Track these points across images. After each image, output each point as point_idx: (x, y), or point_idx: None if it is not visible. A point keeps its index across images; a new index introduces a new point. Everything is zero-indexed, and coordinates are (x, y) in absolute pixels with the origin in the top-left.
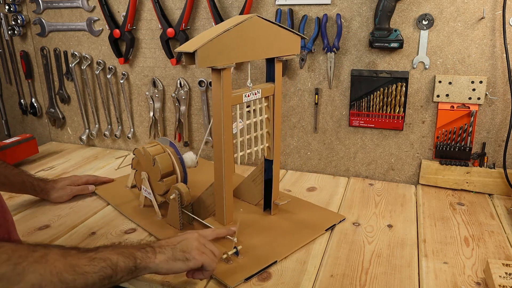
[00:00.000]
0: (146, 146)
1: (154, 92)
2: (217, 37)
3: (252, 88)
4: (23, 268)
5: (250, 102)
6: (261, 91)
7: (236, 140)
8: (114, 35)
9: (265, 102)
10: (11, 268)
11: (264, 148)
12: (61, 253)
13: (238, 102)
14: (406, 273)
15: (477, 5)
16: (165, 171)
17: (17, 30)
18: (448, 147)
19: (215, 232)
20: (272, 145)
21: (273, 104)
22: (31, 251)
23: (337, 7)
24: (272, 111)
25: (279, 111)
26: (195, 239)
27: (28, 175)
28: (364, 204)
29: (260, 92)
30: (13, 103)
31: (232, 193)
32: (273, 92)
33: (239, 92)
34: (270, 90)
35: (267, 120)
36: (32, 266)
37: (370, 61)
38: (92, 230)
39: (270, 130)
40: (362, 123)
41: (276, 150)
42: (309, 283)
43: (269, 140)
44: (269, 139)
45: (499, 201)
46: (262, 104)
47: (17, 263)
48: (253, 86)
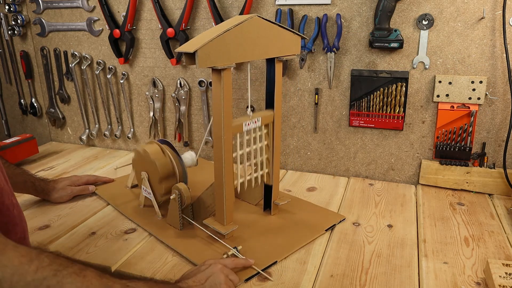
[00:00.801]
0: (147, 148)
1: (154, 92)
2: (218, 37)
3: (252, 116)
4: (63, 276)
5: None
6: (261, 119)
7: (236, 167)
8: (114, 35)
9: (264, 130)
10: (52, 274)
11: (263, 174)
12: (97, 273)
13: (239, 131)
14: (406, 273)
15: (477, 5)
16: (165, 175)
17: (17, 30)
18: (448, 147)
19: (234, 263)
20: (272, 171)
21: (273, 131)
22: (71, 262)
23: (337, 7)
24: (271, 138)
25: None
26: (221, 272)
27: (30, 175)
28: (364, 204)
29: (260, 120)
30: (13, 103)
31: (232, 193)
32: (273, 119)
33: (239, 121)
34: (270, 117)
35: (266, 147)
36: (71, 277)
37: (370, 61)
38: (92, 230)
39: (269, 156)
40: (362, 123)
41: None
42: (309, 283)
43: (268, 166)
44: (268, 165)
45: (499, 201)
46: (262, 132)
47: (58, 270)
48: (253, 114)
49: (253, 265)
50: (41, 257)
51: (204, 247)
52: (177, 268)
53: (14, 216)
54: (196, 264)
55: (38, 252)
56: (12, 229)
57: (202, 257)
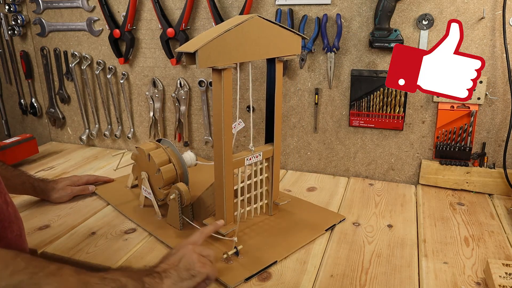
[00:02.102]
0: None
1: (154, 92)
2: (218, 37)
3: (254, 151)
4: (39, 278)
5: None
6: (262, 153)
7: (236, 199)
8: (114, 35)
9: (265, 163)
10: (28, 277)
11: (263, 205)
12: (74, 270)
13: (240, 165)
14: (406, 273)
15: (477, 5)
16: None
17: (17, 30)
18: (448, 147)
19: (203, 235)
20: (271, 202)
21: (272, 164)
22: (47, 263)
23: (337, 7)
24: (271, 170)
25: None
26: (192, 252)
27: (28, 176)
28: (364, 204)
29: (261, 155)
30: (13, 103)
31: (232, 193)
32: (272, 154)
33: (241, 156)
34: (270, 152)
35: (266, 179)
36: (48, 278)
37: (370, 61)
38: (92, 230)
39: (269, 188)
40: (362, 123)
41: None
42: (309, 283)
43: (268, 197)
44: (268, 196)
45: (499, 201)
46: (263, 165)
47: (34, 272)
48: (254, 149)
49: (252, 265)
50: (17, 260)
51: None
52: None
53: (10, 214)
54: None
55: (14, 256)
56: (8, 226)
57: None
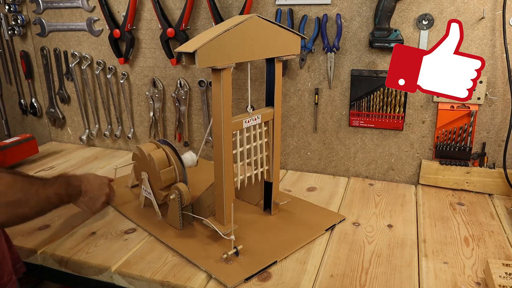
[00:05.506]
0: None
1: (154, 92)
2: (217, 37)
3: (252, 113)
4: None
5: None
6: (261, 116)
7: (236, 164)
8: (114, 35)
9: (264, 127)
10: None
11: (263, 171)
12: None
13: (238, 128)
14: (406, 273)
15: (477, 5)
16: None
17: (17, 30)
18: (448, 147)
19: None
20: (272, 167)
21: (273, 128)
22: None
23: (337, 7)
24: (271, 135)
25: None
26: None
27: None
28: (364, 204)
29: (260, 117)
30: (13, 103)
31: (232, 193)
32: (273, 117)
33: (239, 118)
34: (270, 115)
35: (266, 144)
36: None
37: (370, 61)
38: (92, 230)
39: (269, 153)
40: (362, 123)
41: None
42: (309, 283)
43: (268, 163)
44: (268, 162)
45: (499, 201)
46: (262, 129)
47: None
48: (253, 112)
49: (252, 265)
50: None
51: (204, 247)
52: (177, 268)
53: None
54: (196, 264)
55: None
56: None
57: (202, 257)
